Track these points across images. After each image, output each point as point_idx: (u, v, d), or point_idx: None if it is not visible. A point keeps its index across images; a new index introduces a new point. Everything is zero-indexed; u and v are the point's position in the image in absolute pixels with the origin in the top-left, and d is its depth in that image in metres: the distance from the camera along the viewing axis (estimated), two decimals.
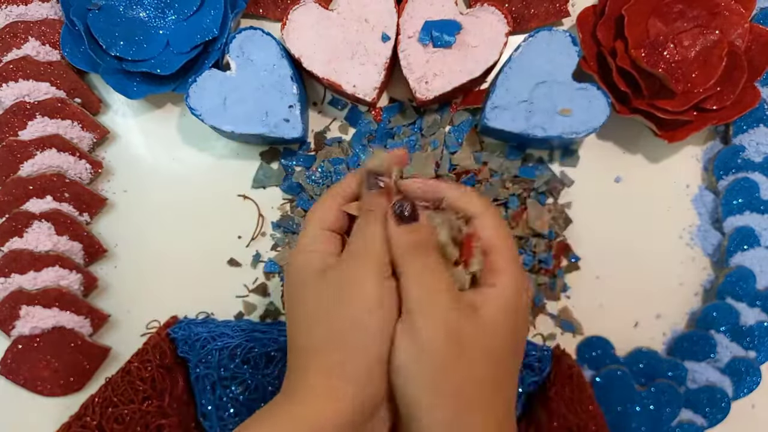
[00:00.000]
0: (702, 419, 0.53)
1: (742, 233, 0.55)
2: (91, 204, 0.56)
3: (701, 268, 0.57)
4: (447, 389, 0.32)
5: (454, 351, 0.32)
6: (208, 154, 0.58)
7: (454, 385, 0.32)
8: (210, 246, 0.57)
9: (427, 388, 0.32)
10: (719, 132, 0.59)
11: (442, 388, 0.32)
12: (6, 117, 0.55)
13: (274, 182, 0.57)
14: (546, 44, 0.53)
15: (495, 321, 0.33)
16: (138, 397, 0.49)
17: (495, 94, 0.53)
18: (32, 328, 0.53)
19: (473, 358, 0.32)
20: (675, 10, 0.54)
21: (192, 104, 0.53)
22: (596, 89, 0.53)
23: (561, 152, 0.58)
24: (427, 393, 0.32)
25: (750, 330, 0.54)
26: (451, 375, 0.32)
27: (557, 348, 0.53)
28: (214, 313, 0.56)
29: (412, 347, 0.33)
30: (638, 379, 0.54)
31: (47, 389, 0.54)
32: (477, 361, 0.33)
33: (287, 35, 0.54)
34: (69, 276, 0.54)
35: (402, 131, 0.57)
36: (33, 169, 0.55)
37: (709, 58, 0.53)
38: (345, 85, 0.54)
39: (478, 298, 0.34)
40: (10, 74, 0.55)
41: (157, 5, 0.55)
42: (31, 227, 0.54)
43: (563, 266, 0.57)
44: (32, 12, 0.56)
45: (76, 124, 0.56)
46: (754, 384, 0.53)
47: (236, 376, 0.51)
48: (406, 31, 0.54)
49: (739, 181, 0.55)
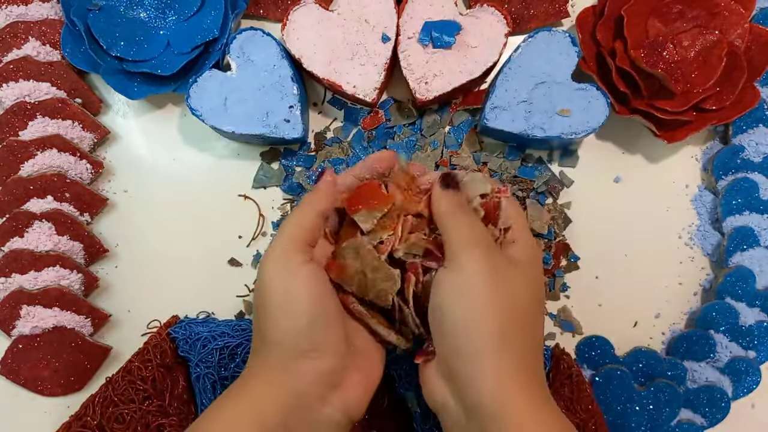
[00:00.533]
0: (701, 419, 0.53)
1: (741, 233, 0.55)
2: (91, 204, 0.56)
3: (700, 268, 0.57)
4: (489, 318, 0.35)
5: (494, 282, 0.36)
6: (209, 155, 0.58)
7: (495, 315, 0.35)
8: (211, 246, 0.57)
9: (468, 319, 0.35)
10: (719, 132, 0.59)
11: (485, 317, 0.35)
12: (6, 117, 0.55)
13: (274, 182, 0.58)
14: (545, 45, 0.53)
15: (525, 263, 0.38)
16: (138, 397, 0.49)
17: (494, 95, 0.53)
18: (33, 328, 0.53)
19: (511, 289, 0.36)
20: (674, 11, 0.54)
21: (193, 105, 0.53)
22: (596, 90, 0.53)
23: (560, 152, 0.58)
24: (468, 324, 0.35)
25: (749, 330, 0.54)
26: (492, 304, 0.35)
27: (557, 347, 0.53)
28: (214, 312, 0.56)
29: (454, 284, 0.36)
30: (638, 379, 0.54)
31: (48, 389, 0.54)
32: (514, 293, 0.36)
33: (287, 36, 0.54)
34: (70, 276, 0.54)
35: (402, 131, 0.57)
36: (33, 169, 0.55)
37: (709, 58, 0.53)
38: (345, 86, 0.54)
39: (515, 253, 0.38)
40: (11, 74, 0.55)
41: (158, 6, 0.55)
42: (31, 227, 0.54)
43: (563, 266, 0.57)
44: (32, 12, 0.56)
45: (77, 124, 0.56)
46: (753, 384, 0.53)
47: (237, 375, 0.51)
48: (406, 32, 0.54)
49: (738, 181, 0.55)
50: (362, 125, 0.58)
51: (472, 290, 0.36)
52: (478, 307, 0.35)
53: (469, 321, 0.35)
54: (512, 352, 0.35)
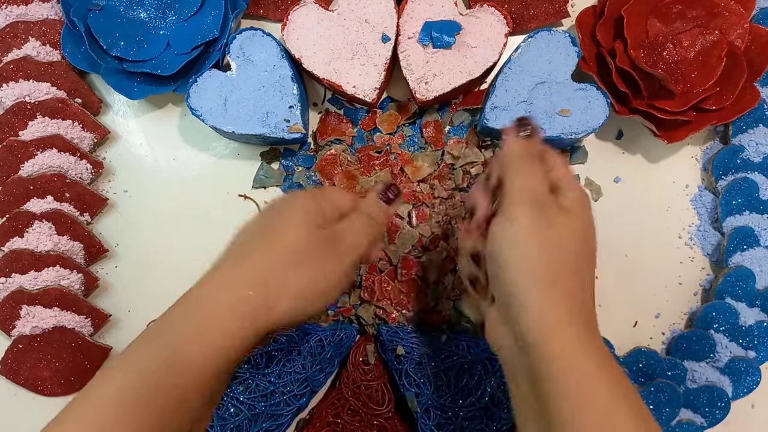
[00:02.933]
0: (701, 419, 0.53)
1: (741, 233, 0.55)
2: (91, 204, 0.56)
3: (700, 268, 0.57)
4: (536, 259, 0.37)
5: (542, 229, 0.38)
6: (209, 155, 0.58)
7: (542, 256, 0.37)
8: (211, 246, 0.57)
9: (522, 268, 0.37)
10: (718, 132, 0.59)
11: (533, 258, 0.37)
12: (6, 117, 0.55)
13: (274, 182, 0.58)
14: (545, 45, 0.53)
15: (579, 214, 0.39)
16: None
17: (494, 95, 0.53)
18: (33, 328, 0.53)
19: (558, 234, 0.38)
20: (674, 11, 0.54)
21: (193, 104, 0.53)
22: (596, 90, 0.53)
23: (569, 150, 0.57)
24: (522, 272, 0.37)
25: (749, 330, 0.54)
26: (540, 247, 0.37)
27: None
28: None
29: (509, 233, 0.38)
30: (638, 379, 0.54)
31: (48, 389, 0.54)
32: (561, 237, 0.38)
33: (287, 36, 0.54)
34: (70, 276, 0.54)
35: (402, 131, 0.57)
36: (34, 170, 0.55)
37: (709, 58, 0.53)
38: (345, 86, 0.54)
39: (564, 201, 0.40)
40: (11, 74, 0.55)
41: (158, 6, 0.55)
42: (31, 227, 0.54)
43: None
44: (33, 12, 0.56)
45: (77, 124, 0.56)
46: (753, 384, 0.53)
47: (236, 375, 0.51)
48: (406, 32, 0.54)
49: (738, 182, 0.55)
50: (362, 125, 0.58)
51: (521, 237, 0.38)
52: (527, 251, 0.37)
53: (521, 263, 0.37)
54: (560, 290, 0.37)
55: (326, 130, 0.57)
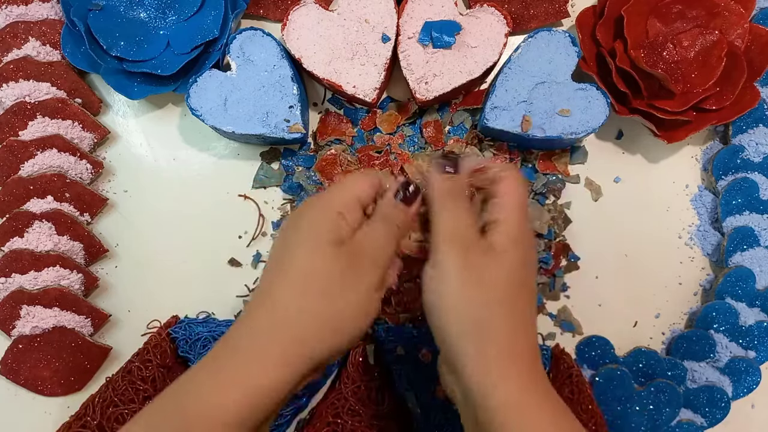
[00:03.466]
0: (701, 419, 0.53)
1: (741, 233, 0.55)
2: (91, 204, 0.56)
3: (700, 268, 0.57)
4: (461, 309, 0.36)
5: (465, 274, 0.36)
6: (209, 155, 0.58)
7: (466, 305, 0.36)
8: (210, 246, 0.57)
9: (451, 319, 0.36)
10: (718, 132, 0.59)
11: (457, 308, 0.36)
12: (6, 117, 0.55)
13: (274, 182, 0.58)
14: (545, 45, 0.53)
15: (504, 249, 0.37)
16: (139, 397, 0.49)
17: (494, 95, 0.53)
18: (33, 328, 0.53)
19: (483, 279, 0.36)
20: (674, 11, 0.54)
21: (193, 104, 0.53)
22: (596, 90, 0.53)
23: (570, 150, 0.57)
24: (453, 323, 0.36)
25: (749, 330, 0.54)
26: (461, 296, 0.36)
27: (557, 348, 0.53)
28: (214, 312, 0.56)
29: (435, 281, 0.37)
30: (638, 379, 0.54)
31: (48, 389, 0.54)
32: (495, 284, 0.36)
33: (287, 36, 0.54)
34: (70, 276, 0.54)
35: (402, 131, 0.57)
36: (33, 170, 0.55)
37: (709, 58, 0.53)
38: (345, 86, 0.54)
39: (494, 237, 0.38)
40: (11, 74, 0.55)
41: (158, 6, 0.55)
42: (31, 227, 0.54)
43: (563, 266, 0.57)
44: (32, 12, 0.56)
45: (77, 124, 0.56)
46: (753, 384, 0.53)
47: None
48: (406, 32, 0.54)
49: (738, 182, 0.55)
50: (362, 125, 0.58)
51: (447, 286, 0.37)
52: (451, 299, 0.36)
53: (447, 312, 0.37)
54: (493, 337, 0.36)
55: (326, 130, 0.57)
